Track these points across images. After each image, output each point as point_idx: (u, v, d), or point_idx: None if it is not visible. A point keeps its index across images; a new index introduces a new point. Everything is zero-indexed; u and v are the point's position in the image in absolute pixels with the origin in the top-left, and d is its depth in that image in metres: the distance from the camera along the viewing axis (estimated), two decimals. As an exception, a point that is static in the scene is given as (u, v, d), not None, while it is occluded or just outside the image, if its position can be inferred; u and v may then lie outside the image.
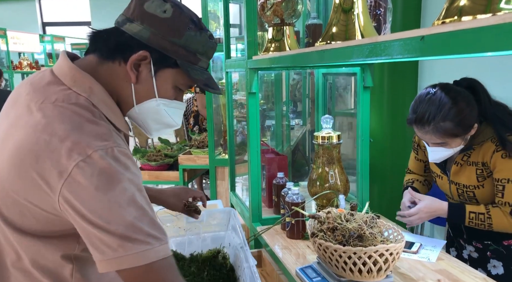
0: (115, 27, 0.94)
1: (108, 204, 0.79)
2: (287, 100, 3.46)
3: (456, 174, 1.54)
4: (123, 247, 0.80)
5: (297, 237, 1.63)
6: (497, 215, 1.43)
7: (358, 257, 1.15)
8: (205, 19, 3.15)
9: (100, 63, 0.93)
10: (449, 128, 1.37)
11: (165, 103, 0.97)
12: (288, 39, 1.68)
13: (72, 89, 0.88)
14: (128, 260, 0.80)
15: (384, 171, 2.72)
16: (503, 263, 1.54)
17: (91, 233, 0.81)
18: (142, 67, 0.92)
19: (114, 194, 0.80)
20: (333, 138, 1.69)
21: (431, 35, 0.66)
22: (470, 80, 1.45)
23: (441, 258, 1.45)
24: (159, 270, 0.83)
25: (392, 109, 2.78)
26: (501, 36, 0.54)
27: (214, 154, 3.29)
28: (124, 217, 0.80)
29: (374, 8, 1.30)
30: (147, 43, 0.91)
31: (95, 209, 0.79)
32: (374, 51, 0.83)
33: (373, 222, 1.25)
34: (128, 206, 0.81)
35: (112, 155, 0.82)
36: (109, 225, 0.79)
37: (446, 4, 0.67)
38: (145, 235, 0.82)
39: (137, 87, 0.94)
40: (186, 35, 0.93)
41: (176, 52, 0.93)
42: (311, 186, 1.77)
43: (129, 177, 0.82)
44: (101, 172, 0.79)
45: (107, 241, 0.80)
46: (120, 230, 0.80)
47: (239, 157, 2.88)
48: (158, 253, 0.83)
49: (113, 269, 0.81)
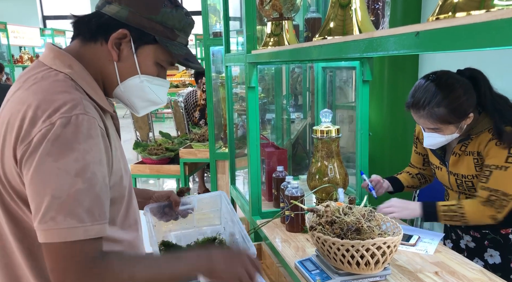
0: (96, 11, 0.98)
1: (57, 171, 0.80)
2: (287, 94, 3.46)
3: (454, 165, 1.56)
4: (55, 219, 0.80)
5: (296, 230, 1.64)
6: (468, 205, 1.45)
7: (356, 250, 1.16)
8: (204, 12, 3.14)
9: (83, 45, 0.97)
10: (443, 114, 1.39)
11: (148, 80, 1.01)
12: (287, 34, 1.68)
13: (52, 68, 0.93)
14: (53, 234, 0.80)
15: (383, 164, 2.73)
16: (500, 252, 1.55)
17: (33, 197, 0.82)
18: (123, 45, 0.96)
19: (64, 162, 0.81)
20: (332, 132, 1.70)
21: (425, 31, 0.66)
22: (473, 70, 1.48)
23: (439, 251, 1.46)
24: (81, 249, 0.82)
25: (392, 103, 2.78)
26: (494, 32, 0.54)
27: (214, 148, 3.31)
28: (69, 186, 0.80)
29: (373, 2, 1.30)
30: (126, 22, 0.95)
31: (42, 174, 0.81)
32: (370, 46, 0.83)
33: (371, 215, 1.27)
34: (77, 176, 0.81)
35: (75, 123, 0.83)
36: (52, 191, 0.80)
37: (441, 0, 0.68)
38: (86, 211, 0.81)
39: (119, 65, 0.98)
40: (162, 12, 0.97)
41: (154, 28, 0.97)
42: (310, 179, 1.78)
43: (85, 148, 0.83)
44: (57, 139, 0.81)
45: (45, 208, 0.80)
46: (62, 198, 0.80)
47: (240, 150, 2.89)
48: (87, 232, 0.82)
49: (40, 241, 0.82)
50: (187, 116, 5.14)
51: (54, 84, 0.89)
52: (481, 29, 0.56)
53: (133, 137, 5.73)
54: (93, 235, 0.82)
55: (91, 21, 0.96)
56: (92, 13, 0.99)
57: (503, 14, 0.52)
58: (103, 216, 0.85)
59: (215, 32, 3.30)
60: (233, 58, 2.13)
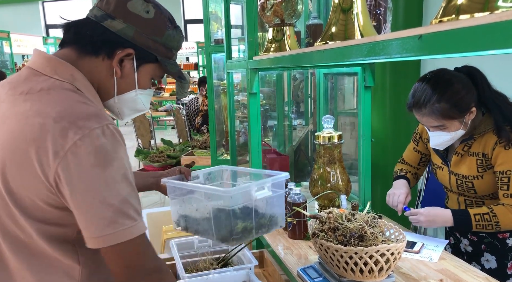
0: (94, 21, 0.97)
1: (105, 180, 0.83)
2: (289, 100, 3.46)
3: (456, 165, 1.55)
4: (114, 224, 0.84)
5: (298, 237, 1.63)
6: (501, 212, 1.42)
7: (359, 257, 1.14)
8: (206, 20, 3.15)
9: (80, 56, 0.97)
10: (445, 109, 1.39)
11: (141, 93, 1.05)
12: (289, 39, 1.68)
13: (54, 77, 0.91)
14: (117, 236, 0.84)
15: (387, 170, 2.71)
16: (496, 257, 1.54)
17: (86, 209, 0.83)
18: (125, 62, 0.98)
19: (111, 170, 0.84)
20: (334, 138, 1.69)
21: (428, 34, 0.66)
22: (469, 67, 1.48)
23: (443, 258, 1.44)
24: (140, 244, 0.88)
25: (394, 109, 2.77)
26: (498, 35, 0.54)
27: (216, 155, 3.30)
28: (119, 192, 0.85)
29: (374, 8, 1.30)
30: (131, 41, 0.97)
31: (92, 185, 0.83)
32: (372, 50, 0.83)
33: (374, 222, 1.25)
34: (122, 182, 0.85)
35: (108, 133, 0.86)
36: (105, 199, 0.83)
37: (444, 2, 0.67)
38: (134, 211, 0.87)
39: (119, 81, 1.00)
40: (166, 34, 1.01)
41: (157, 49, 1.01)
42: (313, 186, 1.76)
43: (122, 154, 0.87)
44: (98, 150, 0.83)
45: (101, 217, 0.83)
46: (116, 204, 0.84)
47: (242, 157, 2.88)
48: (140, 228, 0.88)
49: (99, 246, 0.85)
50: (189, 123, 5.15)
51: (67, 94, 0.89)
52: (485, 31, 0.55)
53: (134, 144, 5.73)
54: (144, 230, 0.89)
55: (94, 35, 0.96)
56: (91, 23, 0.97)
57: (508, 15, 0.52)
58: (141, 212, 0.91)
59: (216, 39, 3.31)
60: (235, 64, 2.13)
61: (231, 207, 1.16)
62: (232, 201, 1.16)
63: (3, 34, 8.19)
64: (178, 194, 1.34)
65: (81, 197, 0.83)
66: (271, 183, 1.25)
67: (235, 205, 1.17)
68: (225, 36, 2.26)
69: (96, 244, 0.85)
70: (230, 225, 1.18)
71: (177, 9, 13.96)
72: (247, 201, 1.20)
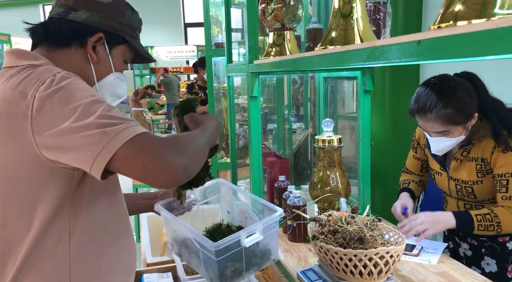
0: (58, 17, 1.02)
1: (73, 110, 0.84)
2: (289, 104, 3.47)
3: (455, 170, 1.56)
4: (105, 134, 0.81)
5: (298, 240, 1.64)
6: (502, 213, 1.42)
7: (359, 260, 1.15)
8: (207, 23, 3.17)
9: (52, 50, 1.01)
10: (451, 114, 1.40)
11: (118, 76, 1.10)
12: (289, 44, 1.69)
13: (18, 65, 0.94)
14: (115, 142, 0.81)
15: (386, 174, 2.73)
16: (496, 260, 1.54)
17: (73, 143, 0.83)
18: (98, 47, 1.04)
19: (75, 99, 0.85)
20: (334, 141, 1.70)
21: (427, 39, 0.67)
22: (469, 73, 1.50)
23: (442, 261, 1.45)
24: (144, 139, 0.83)
25: (393, 113, 2.79)
26: (495, 41, 0.55)
27: (216, 158, 3.31)
28: (92, 112, 0.84)
29: (374, 13, 1.31)
30: (98, 26, 1.03)
31: (66, 120, 0.83)
32: (372, 55, 0.84)
33: (374, 224, 1.26)
34: (93, 104, 0.86)
35: (61, 76, 0.89)
36: (83, 123, 0.82)
37: (442, 9, 0.68)
38: (119, 119, 0.84)
39: (96, 66, 1.05)
40: (127, 15, 1.08)
41: (124, 30, 1.07)
42: (313, 189, 1.77)
43: (80, 85, 0.89)
44: (56, 90, 0.86)
45: (90, 138, 0.82)
46: (95, 121, 0.83)
47: (242, 160, 2.89)
48: (136, 129, 0.83)
49: (106, 161, 0.81)
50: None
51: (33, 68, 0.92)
52: (482, 38, 0.57)
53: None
54: (142, 130, 0.84)
55: (63, 28, 1.00)
56: (55, 20, 1.02)
57: (504, 22, 0.53)
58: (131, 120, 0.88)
59: (217, 43, 3.33)
60: (235, 68, 2.15)
61: (217, 258, 1.10)
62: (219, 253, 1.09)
63: (3, 37, 8.21)
64: (170, 223, 1.27)
65: (63, 138, 0.83)
66: (262, 227, 1.17)
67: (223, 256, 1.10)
68: (226, 40, 2.28)
69: (101, 162, 0.81)
70: (219, 270, 1.12)
71: (177, 12, 13.99)
72: (236, 248, 1.13)
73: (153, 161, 0.81)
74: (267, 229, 1.21)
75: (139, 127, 0.85)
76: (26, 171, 0.89)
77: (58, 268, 0.94)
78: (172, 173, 0.83)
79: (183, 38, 14.38)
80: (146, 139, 0.84)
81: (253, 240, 1.14)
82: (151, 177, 0.82)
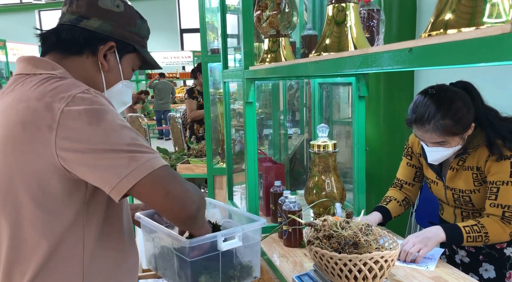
0: (70, 25, 1.02)
1: (105, 132, 0.86)
2: (285, 109, 3.49)
3: (452, 179, 1.56)
4: (134, 159, 0.85)
5: (294, 245, 1.64)
6: (488, 223, 1.43)
7: (354, 264, 1.16)
8: (202, 29, 3.19)
9: (64, 57, 1.02)
10: (449, 125, 1.40)
11: (126, 84, 1.12)
12: (284, 50, 1.71)
13: (36, 73, 0.96)
14: (144, 168, 0.86)
15: (381, 179, 2.74)
16: (494, 266, 1.55)
17: (99, 162, 0.85)
18: (108, 56, 1.05)
19: (106, 123, 0.87)
20: (329, 146, 1.71)
21: (418, 47, 0.69)
22: (465, 83, 1.50)
23: (438, 266, 1.46)
24: (169, 171, 0.91)
25: (388, 118, 2.81)
26: (484, 49, 0.56)
27: (212, 163, 3.31)
28: (123, 138, 0.87)
29: (367, 20, 1.33)
30: (110, 35, 1.04)
31: (95, 140, 0.85)
32: (365, 62, 0.85)
33: (368, 229, 1.27)
34: (122, 129, 0.88)
35: (91, 94, 0.90)
36: (113, 146, 0.85)
37: (433, 17, 0.70)
38: (147, 148, 0.89)
39: (106, 74, 1.06)
40: (138, 24, 1.09)
41: (134, 39, 1.09)
42: (308, 194, 1.78)
43: (112, 108, 0.91)
44: (86, 109, 0.86)
45: (117, 161, 0.85)
46: (125, 148, 0.86)
47: (237, 166, 2.90)
48: (162, 160, 0.90)
49: (130, 185, 0.85)
50: (185, 131, 5.16)
51: (45, 79, 0.93)
52: (471, 46, 0.58)
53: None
54: (166, 163, 0.91)
55: (75, 36, 1.01)
56: (66, 27, 1.02)
57: (492, 31, 0.54)
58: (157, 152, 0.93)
59: (213, 48, 3.34)
60: (231, 74, 2.16)
61: (191, 259, 1.05)
62: (193, 253, 1.06)
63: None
64: (148, 231, 1.27)
65: (90, 156, 0.85)
66: (242, 232, 1.13)
67: (196, 257, 1.06)
68: (222, 46, 2.29)
69: (125, 185, 0.84)
70: (191, 276, 1.08)
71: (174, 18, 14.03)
72: (212, 252, 1.08)
73: (177, 191, 0.89)
74: (248, 239, 1.17)
75: (163, 160, 0.91)
76: (44, 180, 0.89)
77: (72, 277, 0.95)
78: (189, 206, 0.90)
79: (179, 43, 14.42)
80: (172, 172, 0.91)
81: (231, 245, 1.11)
82: (170, 205, 0.88)
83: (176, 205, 0.88)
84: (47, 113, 0.86)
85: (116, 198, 0.86)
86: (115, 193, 0.86)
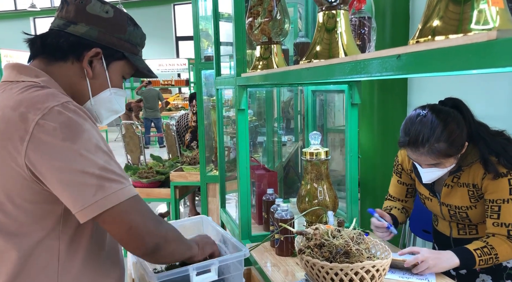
0: (57, 30, 1.00)
1: (78, 152, 0.84)
2: (279, 117, 3.48)
3: (447, 196, 1.54)
4: (102, 189, 0.84)
5: (286, 254, 1.62)
6: (497, 244, 1.40)
7: (345, 274, 1.15)
8: (196, 37, 3.19)
9: (50, 64, 1.00)
10: (443, 148, 1.37)
11: (115, 92, 1.08)
12: (276, 57, 1.70)
13: (19, 80, 0.94)
14: (108, 200, 0.84)
15: (375, 186, 2.73)
16: (492, 277, 1.54)
17: (67, 181, 0.83)
18: (94, 62, 1.02)
19: (81, 142, 0.85)
20: (321, 154, 1.70)
21: (406, 53, 0.68)
22: (454, 99, 1.47)
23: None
24: (136, 205, 0.90)
25: (382, 126, 2.80)
26: (471, 55, 0.56)
27: (205, 171, 3.29)
28: (96, 161, 0.85)
29: (359, 27, 1.33)
30: (97, 41, 1.01)
31: (67, 159, 0.83)
32: (354, 69, 0.84)
33: (360, 238, 1.26)
34: (97, 152, 0.86)
35: (70, 108, 0.87)
36: (84, 168, 0.83)
37: (421, 24, 0.69)
38: (118, 175, 0.88)
39: (92, 81, 1.03)
40: (128, 31, 1.06)
41: (123, 46, 1.06)
42: (300, 202, 1.77)
43: (89, 127, 0.88)
44: (63, 125, 0.84)
45: (85, 187, 0.83)
46: (96, 172, 0.84)
47: (231, 173, 2.88)
48: (131, 190, 0.88)
49: (94, 214, 0.84)
50: (179, 139, 5.14)
51: (25, 87, 0.91)
52: (458, 52, 0.58)
53: (124, 160, 5.69)
54: (135, 193, 0.90)
55: (60, 41, 0.99)
56: (54, 32, 1.01)
57: (479, 38, 0.54)
58: (127, 178, 0.92)
59: (207, 56, 3.35)
60: (223, 81, 2.15)
61: None
62: None
63: (-7, 49, 8.17)
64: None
65: (59, 173, 0.83)
66: (218, 265, 1.09)
67: None
68: (215, 53, 2.29)
69: (89, 213, 0.84)
70: None
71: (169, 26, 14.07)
72: None
73: (139, 227, 0.88)
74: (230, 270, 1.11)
75: (133, 189, 0.89)
76: (13, 192, 0.88)
77: None
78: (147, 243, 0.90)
79: (174, 51, 14.44)
80: (138, 205, 0.90)
81: (205, 279, 1.06)
82: (130, 240, 0.89)
83: (136, 240, 0.89)
84: (21, 124, 0.84)
85: (81, 221, 0.86)
86: (79, 217, 0.86)
